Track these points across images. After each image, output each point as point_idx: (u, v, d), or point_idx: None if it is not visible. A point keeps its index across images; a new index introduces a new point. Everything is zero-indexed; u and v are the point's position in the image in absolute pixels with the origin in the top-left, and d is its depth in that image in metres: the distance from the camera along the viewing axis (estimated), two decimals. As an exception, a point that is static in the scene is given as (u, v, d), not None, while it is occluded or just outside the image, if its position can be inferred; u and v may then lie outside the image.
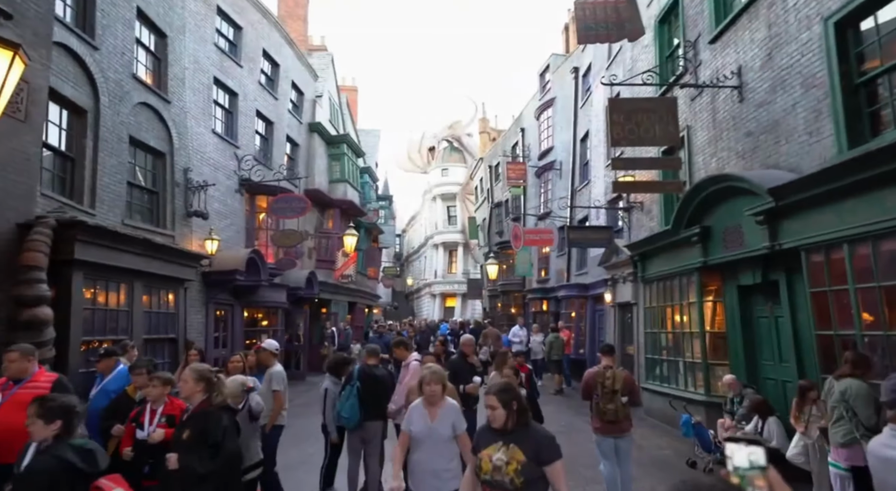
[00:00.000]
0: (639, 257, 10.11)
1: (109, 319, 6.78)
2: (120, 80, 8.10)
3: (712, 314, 8.07)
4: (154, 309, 7.88)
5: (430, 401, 3.30)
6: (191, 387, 3.02)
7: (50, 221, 5.72)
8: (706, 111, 8.16)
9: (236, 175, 12.00)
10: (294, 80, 15.57)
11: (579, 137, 15.64)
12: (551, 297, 17.04)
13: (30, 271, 5.33)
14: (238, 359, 4.97)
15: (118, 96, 8.06)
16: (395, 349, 5.70)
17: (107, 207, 7.62)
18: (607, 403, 4.95)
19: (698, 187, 7.45)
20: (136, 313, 7.24)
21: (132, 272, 7.13)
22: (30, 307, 5.28)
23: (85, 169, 7.36)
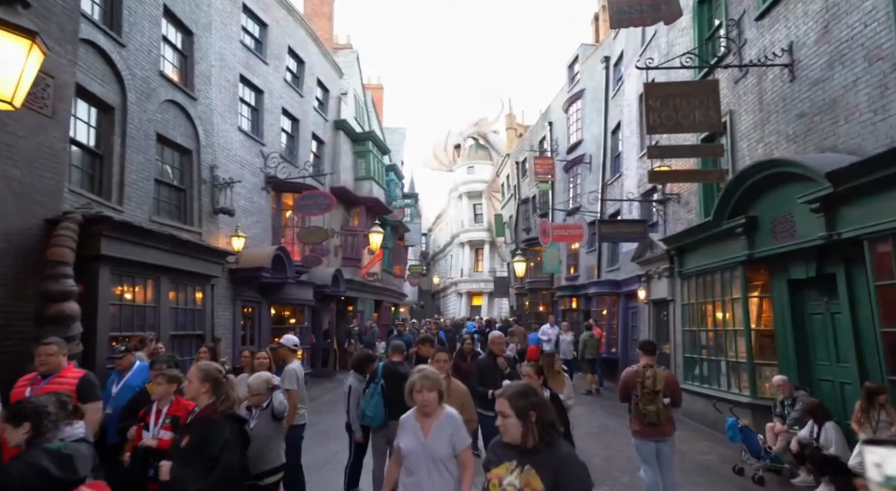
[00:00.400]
0: (676, 251, 9.61)
1: (136, 314, 6.79)
2: (147, 78, 8.14)
3: (758, 311, 7.54)
4: (181, 305, 7.89)
5: (424, 411, 2.77)
6: (195, 388, 2.78)
7: (76, 217, 5.72)
8: (751, 93, 7.63)
9: (262, 172, 12.02)
10: (319, 77, 15.56)
11: (610, 129, 15.11)
12: (581, 294, 16.55)
13: (56, 266, 5.32)
14: (264, 355, 4.82)
15: (145, 93, 8.09)
16: (420, 346, 5.48)
17: (134, 204, 7.66)
18: (648, 405, 4.58)
19: (744, 175, 6.96)
20: (163, 309, 7.24)
21: (159, 268, 7.13)
22: (57, 302, 5.27)
23: (113, 166, 7.41)
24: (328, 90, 16.33)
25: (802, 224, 6.07)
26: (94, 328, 5.83)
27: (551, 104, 21.16)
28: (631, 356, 12.98)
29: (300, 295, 12.64)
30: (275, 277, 10.87)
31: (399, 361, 5.05)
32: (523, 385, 2.20)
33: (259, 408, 3.63)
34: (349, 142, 17.55)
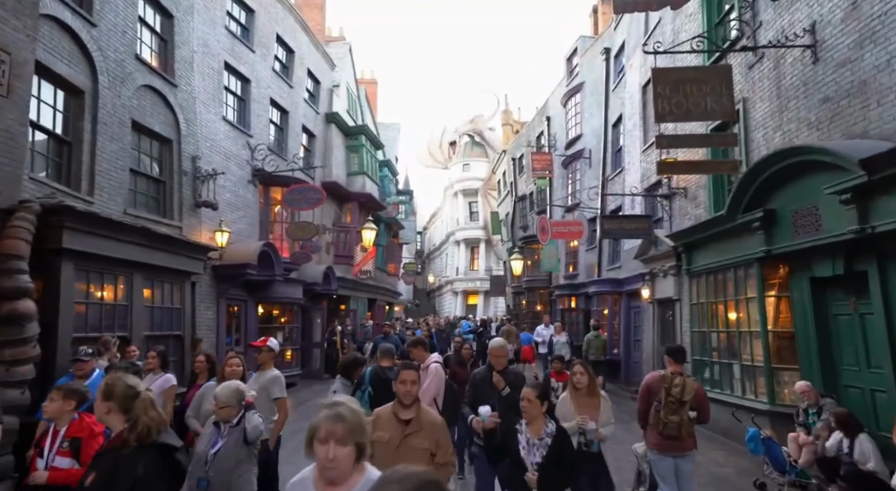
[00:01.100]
0: (683, 248, 9.15)
1: (105, 314, 6.24)
2: (121, 61, 7.57)
3: (776, 311, 7.09)
4: (157, 304, 7.33)
5: (327, 476, 1.68)
6: (98, 407, 2.14)
7: (34, 207, 5.16)
8: (768, 79, 7.17)
9: (249, 165, 11.46)
10: (310, 68, 14.99)
11: (611, 122, 14.65)
12: (580, 293, 16.08)
13: (8, 260, 4.77)
14: (238, 362, 4.11)
15: (119, 77, 7.52)
16: (411, 350, 4.96)
17: (107, 195, 7.09)
18: (671, 414, 4.07)
19: (762, 165, 6.49)
20: (137, 308, 6.68)
21: (131, 264, 6.58)
22: (9, 300, 4.73)
23: (83, 154, 6.83)
24: (319, 82, 15.76)
25: (829, 217, 5.61)
26: (56, 329, 5.29)
27: (549, 99, 20.68)
28: (634, 358, 12.54)
29: (289, 293, 12.09)
30: (261, 274, 10.32)
31: (389, 367, 4.55)
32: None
33: (228, 424, 3.04)
34: (341, 136, 16.99)
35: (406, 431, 2.71)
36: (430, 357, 4.91)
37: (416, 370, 2.89)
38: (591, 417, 3.90)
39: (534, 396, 3.08)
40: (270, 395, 4.15)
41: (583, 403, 4.05)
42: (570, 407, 4.00)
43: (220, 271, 9.64)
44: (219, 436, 3.01)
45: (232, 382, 3.36)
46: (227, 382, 3.38)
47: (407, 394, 2.79)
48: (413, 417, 2.76)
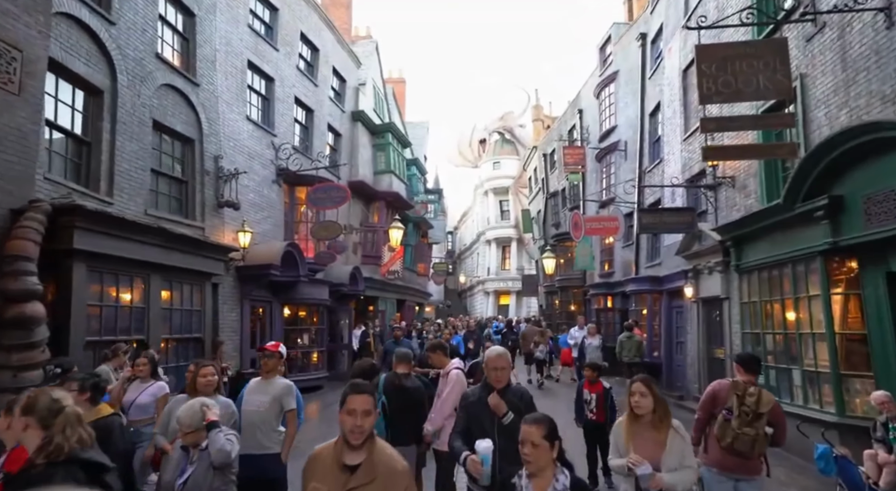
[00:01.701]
0: (732, 242, 8.38)
1: (121, 317, 6.10)
2: (141, 59, 7.48)
3: (843, 310, 6.30)
4: (176, 306, 7.19)
5: None
6: (13, 424, 1.84)
7: (44, 206, 5.03)
8: (830, 50, 6.39)
9: (273, 165, 11.33)
10: (335, 66, 14.82)
11: (648, 112, 13.84)
12: (617, 292, 15.30)
13: (15, 262, 4.64)
14: (211, 371, 3.57)
15: (139, 77, 7.43)
16: (430, 355, 4.54)
17: (127, 196, 6.99)
18: (745, 426, 3.47)
19: (826, 145, 5.74)
20: (154, 311, 6.54)
21: (148, 265, 6.43)
22: (17, 303, 4.59)
23: (102, 153, 6.75)
24: (345, 80, 15.59)
25: (911, 202, 4.86)
26: (67, 332, 5.14)
27: (581, 90, 19.90)
28: (676, 361, 11.74)
29: (315, 294, 11.90)
30: (285, 275, 10.15)
31: (405, 374, 4.14)
32: None
33: (198, 448, 2.66)
34: (368, 134, 16.78)
35: (351, 483, 1.95)
36: (451, 363, 4.48)
37: (370, 395, 2.05)
38: (652, 457, 2.74)
39: (539, 437, 2.08)
40: (284, 406, 3.76)
41: (643, 436, 2.86)
42: (622, 440, 2.91)
43: (243, 272, 9.51)
44: (187, 462, 2.65)
45: (195, 401, 2.89)
46: (191, 402, 2.90)
47: (355, 430, 1.95)
48: (363, 463, 1.97)
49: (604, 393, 5.35)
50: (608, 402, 5.36)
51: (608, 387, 5.43)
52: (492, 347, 3.14)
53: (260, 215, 10.65)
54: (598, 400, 5.33)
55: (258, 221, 10.54)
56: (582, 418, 5.52)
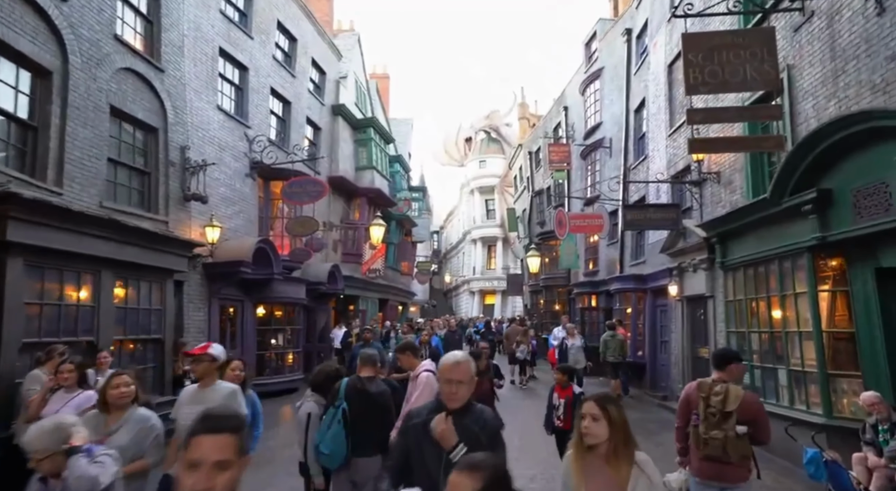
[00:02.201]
0: (717, 239, 8.18)
1: (66, 316, 5.64)
2: (97, 40, 7.00)
3: (830, 308, 6.10)
4: (132, 305, 6.73)
5: None
6: None
7: (-28, 193, 4.57)
8: (819, 40, 6.19)
9: (247, 157, 10.87)
10: (314, 57, 14.37)
11: (633, 108, 13.65)
12: (601, 291, 15.10)
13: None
14: (126, 381, 2.90)
15: (95, 59, 6.96)
16: (399, 356, 4.20)
17: (79, 186, 6.52)
18: (711, 429, 3.24)
19: (815, 137, 5.53)
20: (105, 310, 6.08)
21: (99, 260, 5.98)
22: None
23: (50, 140, 6.26)
24: (325, 73, 15.15)
25: (904, 194, 4.65)
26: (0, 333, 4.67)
27: (566, 88, 19.71)
28: (660, 360, 11.55)
29: (290, 293, 11.46)
30: (258, 272, 9.71)
31: (370, 377, 3.79)
32: None
33: (60, 478, 2.14)
34: (349, 129, 16.36)
35: None
36: (421, 365, 4.14)
37: (232, 434, 1.29)
38: None
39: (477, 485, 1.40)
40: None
41: (596, 476, 2.06)
42: (571, 480, 2.12)
43: (211, 269, 9.06)
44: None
45: (49, 420, 2.39)
46: (44, 421, 2.38)
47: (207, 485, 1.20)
48: None
49: (573, 399, 4.91)
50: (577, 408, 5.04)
51: (578, 392, 5.01)
52: (449, 353, 2.30)
53: (231, 210, 10.19)
54: (567, 406, 4.90)
55: (229, 216, 10.09)
56: (550, 425, 5.13)
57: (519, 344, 13.06)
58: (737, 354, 3.60)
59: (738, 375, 3.43)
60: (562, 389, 5.06)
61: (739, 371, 3.45)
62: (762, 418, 3.25)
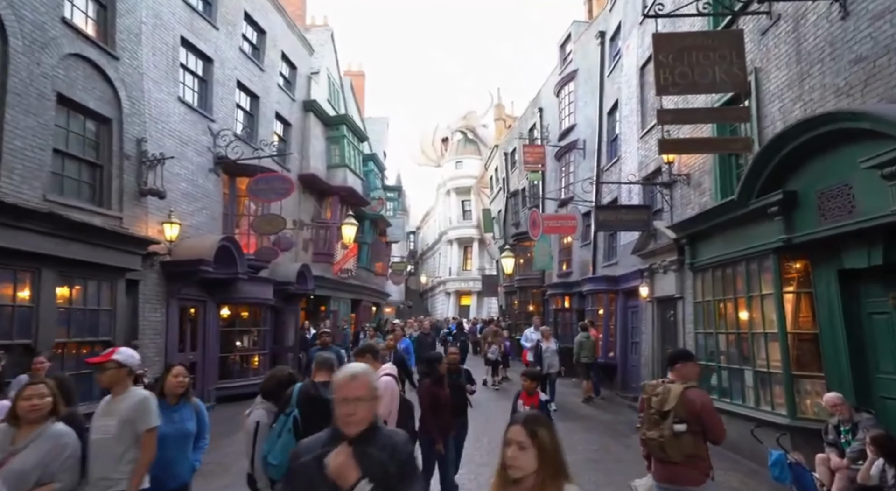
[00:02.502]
0: (687, 240, 8.21)
1: (1, 317, 5.21)
2: (41, 23, 6.56)
3: (795, 309, 6.15)
4: (78, 305, 6.31)
5: None
6: None
7: None
8: (785, 43, 6.24)
9: (211, 152, 10.45)
10: (284, 50, 13.98)
11: (606, 110, 13.71)
12: (574, 292, 15.14)
13: None
14: (41, 392, 2.63)
15: (39, 42, 6.52)
16: (357, 359, 3.98)
17: (19, 178, 6.07)
18: (650, 429, 3.28)
19: (781, 138, 5.54)
20: (46, 310, 5.67)
21: (38, 257, 5.58)
22: None
23: (-14, 128, 5.82)
24: (296, 67, 14.76)
25: (866, 197, 4.67)
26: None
27: (542, 89, 19.77)
28: (631, 361, 11.60)
29: (257, 293, 11.08)
30: (220, 272, 9.32)
31: (325, 382, 3.56)
32: None
33: None
34: (321, 126, 16.00)
35: None
36: (381, 368, 3.94)
37: None
38: None
39: None
40: (139, 427, 2.89)
41: None
42: None
43: (169, 268, 8.64)
44: None
45: None
46: None
47: None
48: None
49: (539, 407, 4.75)
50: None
51: (545, 399, 4.89)
52: (347, 366, 1.94)
53: (193, 207, 9.77)
54: None
55: (191, 213, 9.67)
56: None
57: (490, 344, 12.98)
58: (685, 354, 3.54)
59: (687, 374, 3.35)
60: (528, 397, 4.85)
61: (688, 370, 3.36)
62: (708, 416, 3.17)
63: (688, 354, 3.57)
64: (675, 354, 3.54)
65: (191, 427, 3.42)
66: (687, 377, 3.38)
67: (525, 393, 4.91)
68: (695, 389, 3.31)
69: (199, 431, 3.54)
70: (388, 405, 3.74)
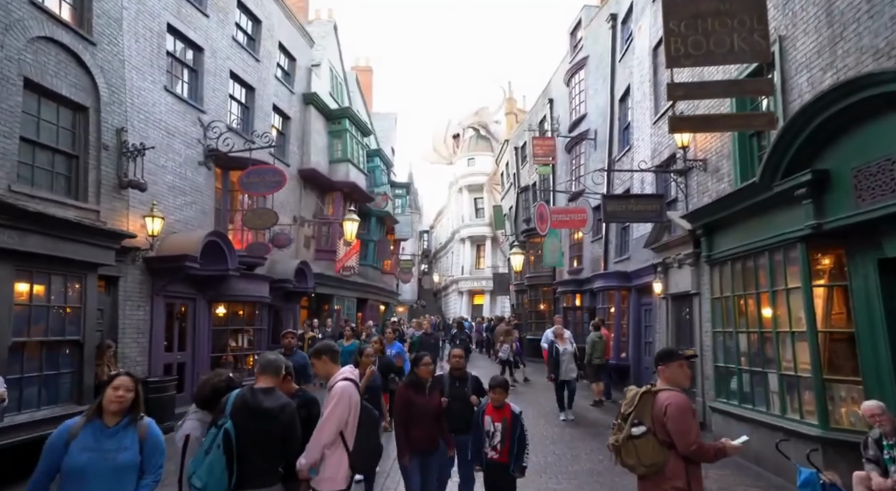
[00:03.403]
0: (703, 231, 7.52)
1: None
2: (5, 3, 6.20)
3: (826, 305, 5.45)
4: (41, 302, 5.92)
5: None
6: None
7: None
8: (814, 5, 5.54)
9: (201, 144, 10.07)
10: (282, 41, 13.58)
11: (618, 97, 13.00)
12: (586, 290, 14.45)
13: None
14: None
15: (3, 24, 6.16)
16: (313, 361, 3.46)
17: (-21, 167, 5.72)
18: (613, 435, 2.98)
19: (812, 108, 4.85)
20: (2, 308, 5.27)
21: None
22: None
23: (-58, 114, 5.47)
24: (295, 59, 14.36)
25: (914, 171, 3.99)
26: None
27: (552, 79, 19.06)
28: (644, 362, 10.89)
29: (251, 291, 10.68)
30: (209, 268, 8.92)
31: (268, 389, 3.05)
32: None
33: None
34: (322, 119, 15.58)
35: None
36: (339, 372, 3.40)
37: None
38: None
39: None
40: None
41: None
42: None
43: (153, 264, 8.27)
44: None
45: None
46: None
47: None
48: None
49: (512, 421, 3.96)
50: (516, 433, 3.94)
51: (518, 412, 4.05)
52: None
53: (181, 200, 9.40)
54: (505, 431, 3.93)
55: (179, 207, 9.30)
56: (480, 458, 4.05)
57: (502, 344, 12.58)
58: (668, 354, 3.05)
59: (671, 376, 2.89)
60: (496, 411, 4.03)
61: (672, 372, 2.89)
62: (672, 420, 2.69)
63: (671, 353, 3.06)
64: (658, 355, 3.08)
65: (128, 458, 2.59)
66: (673, 380, 2.92)
67: (491, 407, 4.08)
68: (670, 391, 2.83)
69: (144, 464, 2.66)
70: (341, 415, 3.21)
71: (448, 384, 4.50)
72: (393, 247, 23.01)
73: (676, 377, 2.88)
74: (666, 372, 2.90)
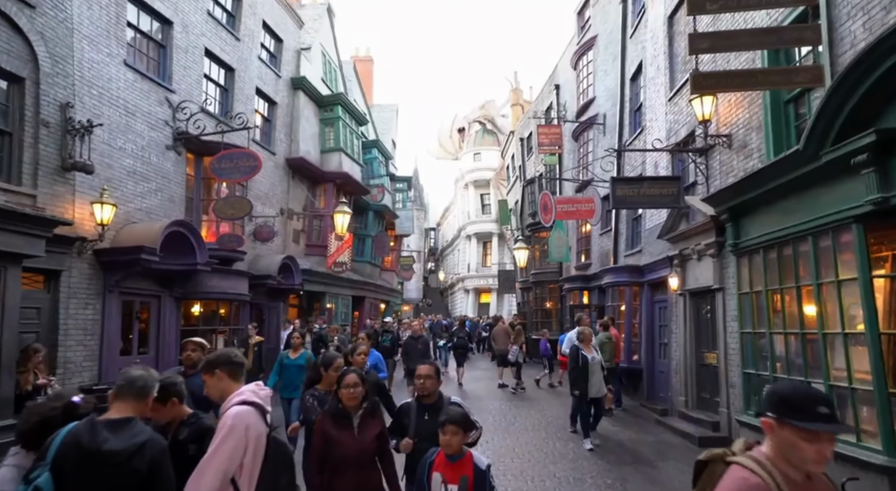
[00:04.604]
0: (728, 216, 6.46)
1: None
2: (-87, -48, 5.35)
3: (890, 301, 4.38)
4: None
5: None
6: None
7: None
8: (873, -75, 4.46)
9: (169, 127, 9.20)
10: (267, 20, 12.70)
11: (629, 76, 11.90)
12: (593, 286, 13.38)
13: None
14: None
15: (-89, -24, 5.31)
16: (205, 378, 2.49)
17: None
18: None
19: (875, 52, 3.78)
20: None
21: None
22: None
23: None
24: (282, 40, 13.47)
25: None
26: None
27: (558, 64, 17.99)
28: (659, 366, 9.82)
29: (226, 287, 9.79)
30: (172, 262, 8.05)
31: (122, 421, 2.10)
32: None
33: None
34: (313, 106, 14.68)
35: None
36: (237, 393, 2.44)
37: None
38: None
39: None
40: None
41: None
42: None
43: (105, 257, 7.41)
44: None
45: None
46: None
47: None
48: None
49: (474, 483, 2.53)
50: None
51: (486, 466, 2.59)
52: None
53: (144, 187, 8.53)
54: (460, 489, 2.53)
55: (141, 195, 8.44)
56: None
57: (511, 344, 11.79)
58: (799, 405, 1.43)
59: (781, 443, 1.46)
60: (450, 465, 2.58)
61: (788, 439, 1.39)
62: None
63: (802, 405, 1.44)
64: (770, 396, 1.52)
65: None
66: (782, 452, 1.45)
67: (443, 458, 2.61)
68: (748, 470, 1.45)
69: None
70: (232, 454, 2.24)
71: (415, 416, 3.17)
72: (393, 243, 22.09)
73: (792, 450, 1.44)
74: (777, 433, 1.47)
